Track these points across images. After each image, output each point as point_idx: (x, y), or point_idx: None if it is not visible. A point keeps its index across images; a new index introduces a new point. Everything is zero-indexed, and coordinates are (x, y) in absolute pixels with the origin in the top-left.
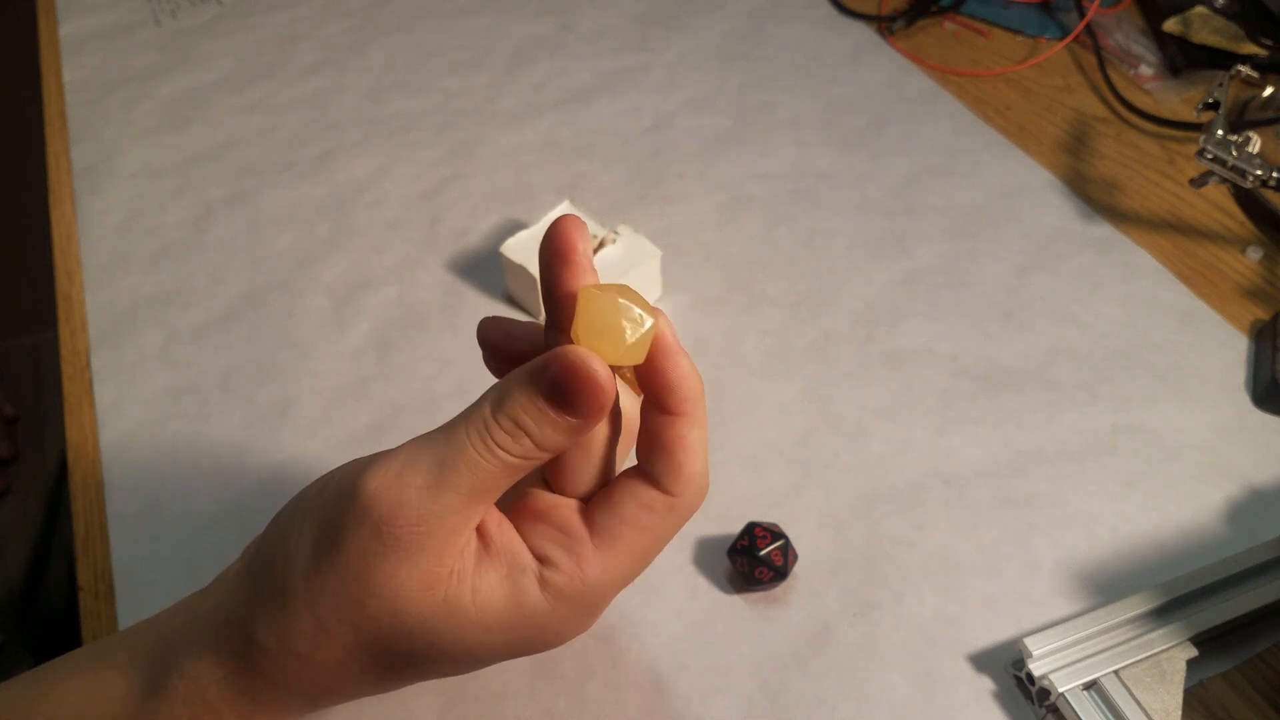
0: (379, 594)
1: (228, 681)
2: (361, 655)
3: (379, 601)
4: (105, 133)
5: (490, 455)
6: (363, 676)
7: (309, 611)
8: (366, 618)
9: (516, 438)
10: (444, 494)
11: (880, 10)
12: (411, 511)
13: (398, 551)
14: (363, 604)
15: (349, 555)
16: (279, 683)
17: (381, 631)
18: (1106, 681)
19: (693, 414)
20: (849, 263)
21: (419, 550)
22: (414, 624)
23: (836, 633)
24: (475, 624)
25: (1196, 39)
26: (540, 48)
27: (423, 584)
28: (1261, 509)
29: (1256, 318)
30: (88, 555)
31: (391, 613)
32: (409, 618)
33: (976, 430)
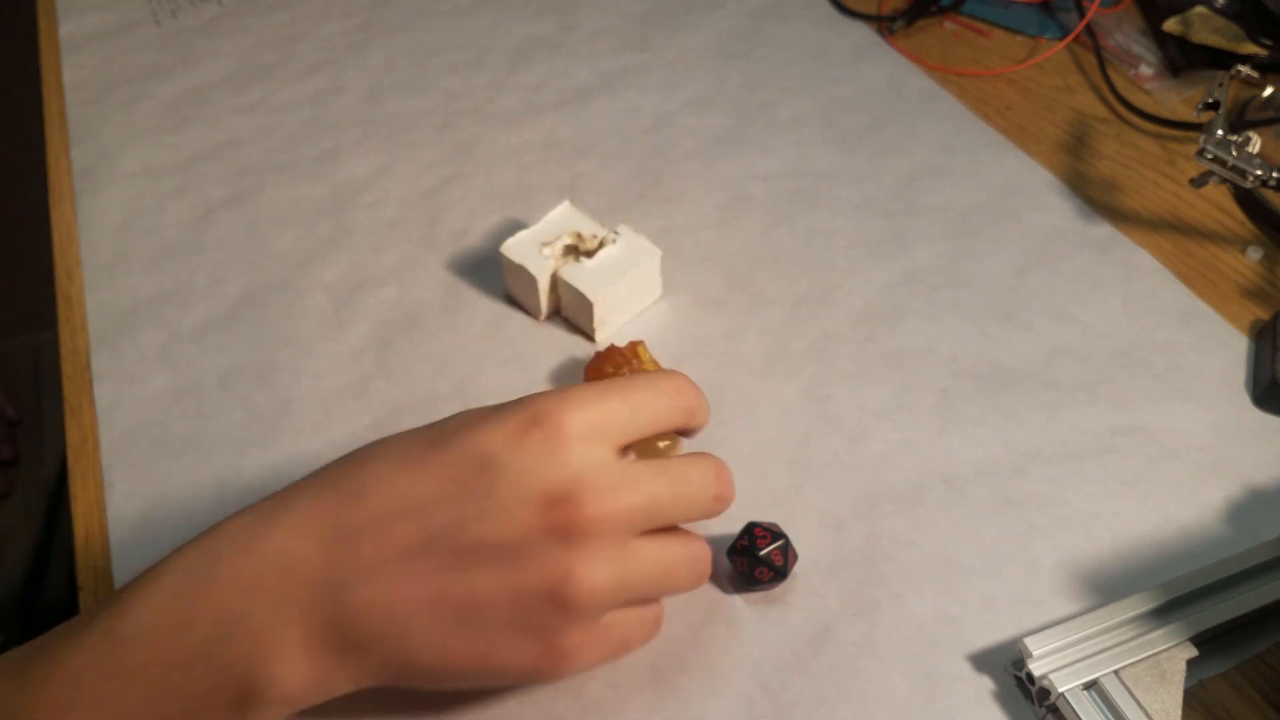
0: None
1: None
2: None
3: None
4: (105, 133)
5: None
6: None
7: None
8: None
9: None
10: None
11: (880, 10)
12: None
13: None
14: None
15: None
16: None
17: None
18: (1106, 681)
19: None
20: (849, 263)
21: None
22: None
23: (836, 633)
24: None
25: (1196, 39)
26: (540, 48)
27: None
28: (1261, 509)
29: (1256, 318)
30: (88, 556)
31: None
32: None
33: (976, 430)
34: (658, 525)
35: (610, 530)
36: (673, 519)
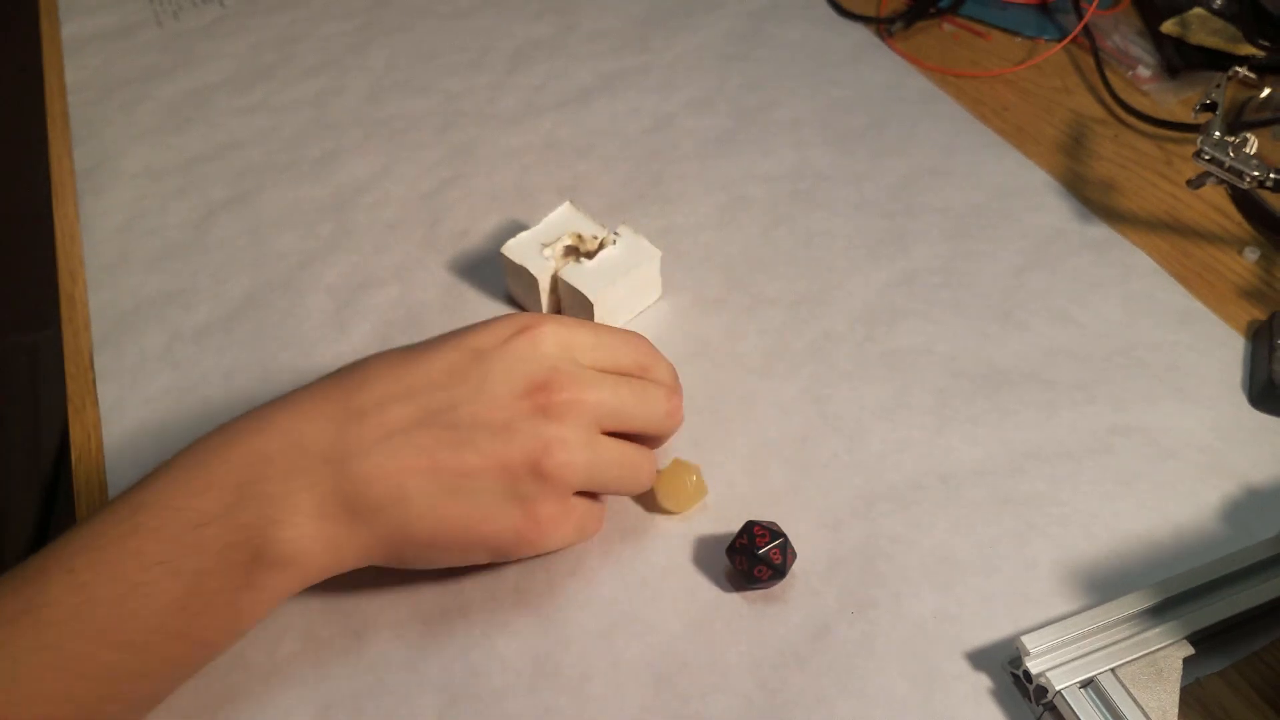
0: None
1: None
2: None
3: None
4: (107, 133)
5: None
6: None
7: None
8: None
9: None
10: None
11: (879, 12)
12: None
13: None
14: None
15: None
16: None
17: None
18: (1103, 679)
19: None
20: (848, 263)
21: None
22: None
23: (835, 631)
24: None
25: (1194, 40)
26: (540, 49)
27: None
28: (1258, 508)
29: (1253, 318)
30: None
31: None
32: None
33: (974, 430)
34: (620, 426)
35: (582, 415)
36: (632, 422)
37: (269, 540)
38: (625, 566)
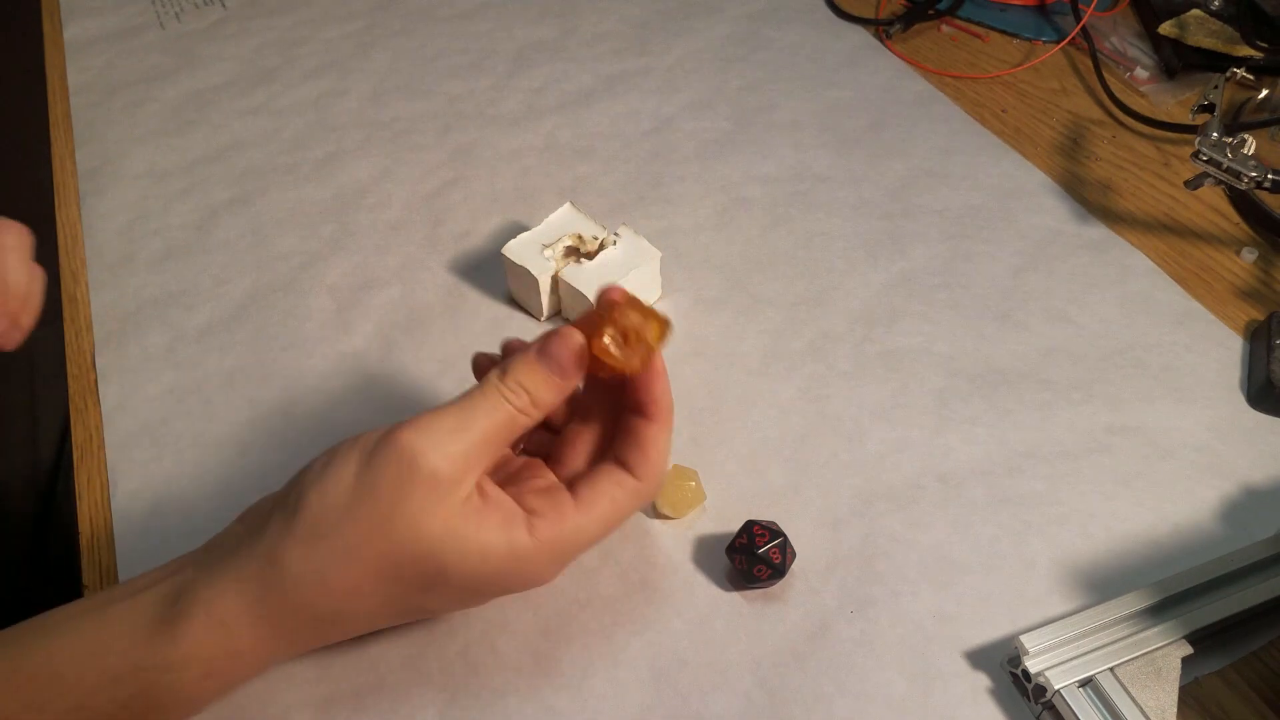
0: (406, 519)
1: (250, 608)
2: (379, 577)
3: (405, 526)
4: (110, 135)
5: (500, 406)
6: (374, 598)
7: (341, 538)
8: (393, 541)
9: (517, 392)
10: (464, 434)
11: (878, 14)
12: (440, 448)
13: (427, 483)
14: (391, 528)
15: (384, 488)
16: (299, 608)
17: (402, 554)
18: (1102, 679)
19: (664, 421)
20: (847, 264)
21: (442, 482)
22: (427, 547)
23: (834, 630)
24: (476, 553)
25: (1192, 41)
26: (541, 51)
27: (442, 514)
28: (1256, 508)
29: (1251, 318)
30: (92, 555)
31: (413, 537)
32: (425, 541)
33: (973, 429)
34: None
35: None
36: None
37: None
38: (625, 566)
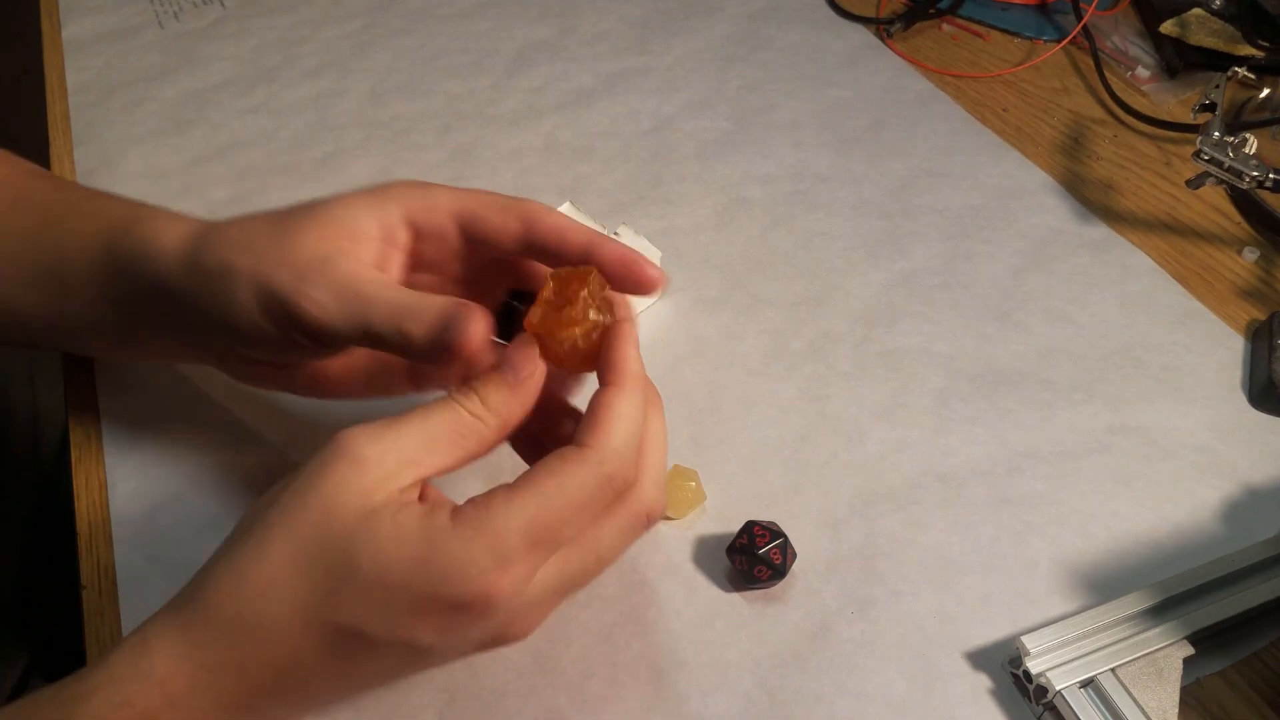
0: (320, 495)
1: (170, 628)
2: (293, 565)
3: (319, 503)
4: (108, 135)
5: (448, 406)
6: (290, 604)
7: (259, 527)
8: (302, 523)
9: (468, 395)
10: (405, 429)
11: (878, 13)
12: (374, 438)
13: (351, 464)
14: (305, 507)
15: (307, 472)
16: (219, 621)
17: (311, 538)
18: (1103, 679)
19: (623, 385)
20: (847, 264)
21: (364, 463)
22: (339, 530)
23: (835, 630)
24: (389, 537)
25: (1193, 41)
26: (541, 51)
27: (358, 493)
28: (1257, 508)
29: (1253, 318)
30: (91, 554)
31: (324, 514)
32: (337, 522)
33: (973, 429)
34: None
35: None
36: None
37: None
38: (625, 566)
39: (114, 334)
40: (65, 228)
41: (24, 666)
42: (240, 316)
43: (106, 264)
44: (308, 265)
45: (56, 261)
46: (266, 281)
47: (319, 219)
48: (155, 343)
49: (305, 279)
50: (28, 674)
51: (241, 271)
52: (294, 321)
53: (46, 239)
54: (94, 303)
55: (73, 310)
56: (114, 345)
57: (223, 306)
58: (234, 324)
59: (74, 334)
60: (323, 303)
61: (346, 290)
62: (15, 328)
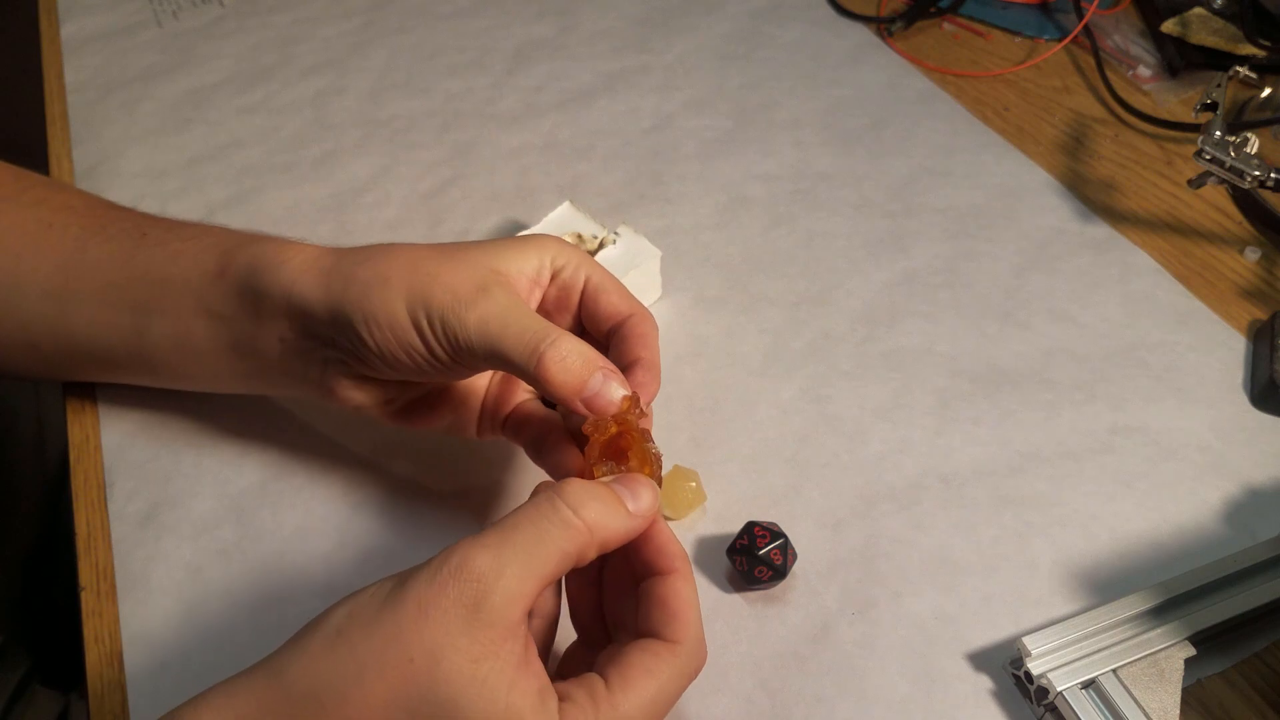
0: (427, 647)
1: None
2: (393, 704)
3: (425, 656)
4: (107, 134)
5: (560, 523)
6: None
7: (352, 654)
8: (407, 671)
9: (575, 519)
10: (505, 551)
11: (879, 12)
12: (477, 564)
13: (458, 607)
14: (409, 655)
15: (410, 603)
16: (299, 711)
17: (416, 691)
18: (1105, 680)
19: (683, 570)
20: (848, 263)
21: (475, 609)
22: (447, 693)
23: (835, 631)
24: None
25: (1195, 40)
26: (540, 49)
27: (470, 654)
28: (1259, 508)
29: (1254, 318)
30: (90, 555)
31: (430, 674)
32: (446, 685)
33: (975, 430)
34: None
35: None
36: None
37: None
38: None
39: (201, 350)
40: (164, 249)
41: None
42: (388, 335)
43: (216, 276)
44: (469, 292)
45: (150, 281)
46: (425, 295)
47: (477, 253)
48: (245, 362)
49: (464, 301)
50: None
51: (397, 288)
52: (450, 337)
53: (139, 258)
54: (187, 318)
55: (160, 330)
56: (197, 363)
57: (368, 314)
58: (374, 332)
59: (154, 355)
60: (480, 327)
61: (504, 319)
62: (98, 354)
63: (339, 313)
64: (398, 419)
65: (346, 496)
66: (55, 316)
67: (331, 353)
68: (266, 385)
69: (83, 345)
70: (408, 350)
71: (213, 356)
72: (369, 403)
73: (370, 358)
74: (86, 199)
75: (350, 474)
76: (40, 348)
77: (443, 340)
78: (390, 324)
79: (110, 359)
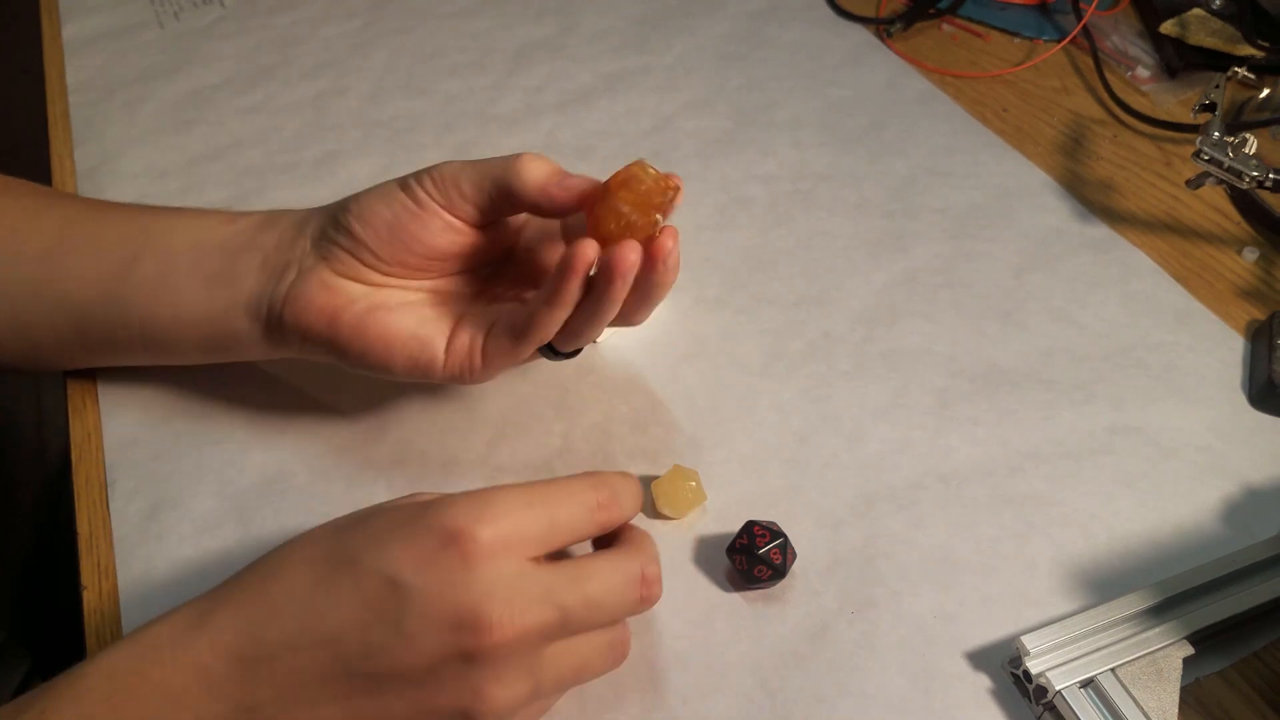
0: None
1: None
2: (313, 549)
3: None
4: (108, 134)
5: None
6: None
7: (287, 544)
8: (329, 526)
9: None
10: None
11: (878, 13)
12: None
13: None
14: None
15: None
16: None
17: (334, 527)
18: (1103, 679)
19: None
20: (848, 263)
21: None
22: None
23: (835, 630)
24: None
25: (1193, 41)
26: (540, 50)
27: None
28: (1258, 508)
29: (1253, 318)
30: (91, 554)
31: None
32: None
33: (974, 430)
34: (572, 634)
35: (520, 650)
36: (589, 629)
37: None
38: None
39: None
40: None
41: (26, 671)
42: (378, 203)
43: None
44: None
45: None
46: (405, 179)
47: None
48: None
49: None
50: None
51: (389, 184)
52: (436, 182)
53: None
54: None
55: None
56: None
57: (364, 200)
58: (368, 207)
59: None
60: (457, 170)
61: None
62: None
63: (332, 209)
64: (361, 338)
65: (348, 495)
66: (45, 279)
67: (326, 235)
68: (237, 320)
69: (65, 306)
70: (393, 210)
71: (190, 291)
72: (340, 302)
73: (368, 219)
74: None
75: (352, 474)
76: (22, 318)
77: (428, 188)
78: (381, 192)
79: (87, 319)
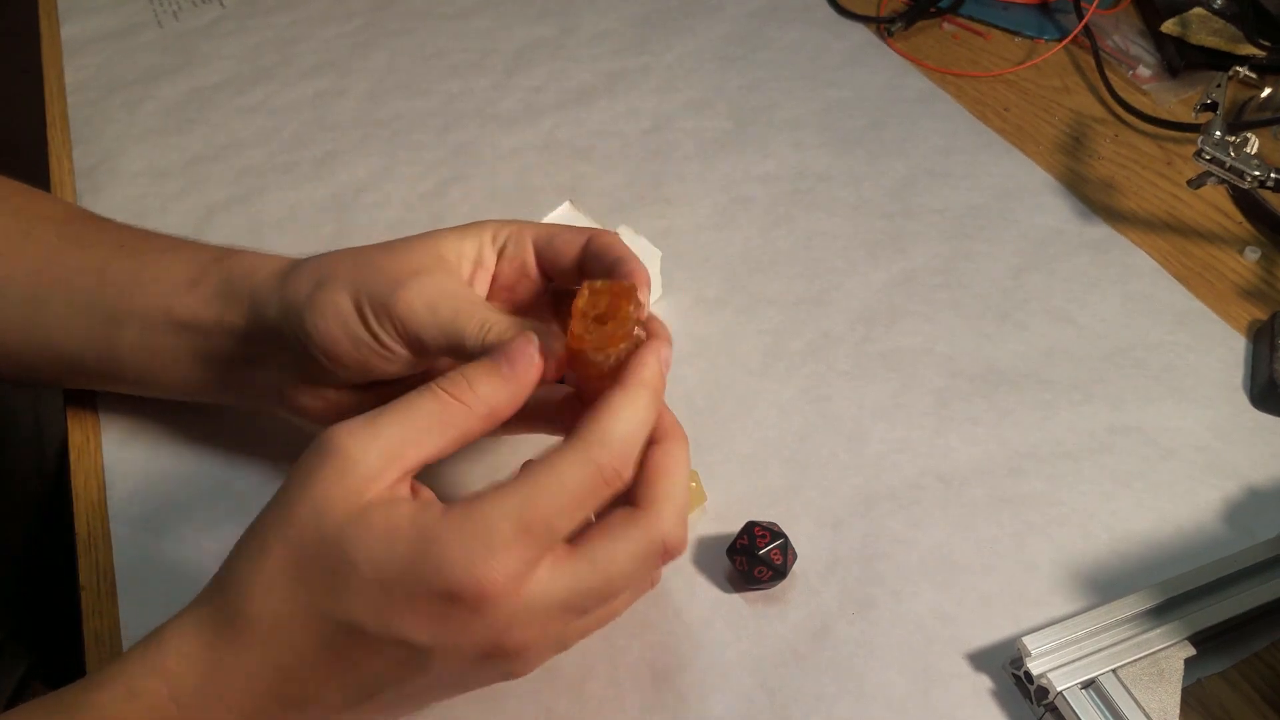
0: (310, 496)
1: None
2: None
3: (306, 505)
4: (107, 134)
5: (435, 394)
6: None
7: (256, 533)
8: (296, 525)
9: (456, 380)
10: (383, 420)
11: (879, 12)
12: (352, 430)
13: (333, 461)
14: (295, 511)
15: (294, 477)
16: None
17: (306, 539)
18: (1105, 680)
19: (627, 386)
20: (847, 263)
21: (351, 461)
22: (332, 530)
23: (835, 631)
24: (383, 535)
25: (1195, 40)
26: (541, 50)
27: (348, 492)
28: (1259, 508)
29: (1254, 318)
30: (90, 554)
31: (315, 515)
32: (329, 523)
33: (974, 430)
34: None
35: (545, 644)
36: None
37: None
38: None
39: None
40: (139, 259)
41: (24, 670)
42: (333, 326)
43: (189, 286)
44: (407, 274)
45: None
46: (366, 285)
47: (416, 242)
48: (210, 372)
49: (403, 285)
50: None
51: (341, 279)
52: (394, 323)
53: (113, 268)
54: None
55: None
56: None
57: (314, 307)
58: (319, 325)
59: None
60: (418, 307)
61: (442, 300)
62: (69, 360)
63: (289, 309)
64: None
65: None
66: (29, 321)
67: (286, 357)
68: (231, 396)
69: (55, 351)
70: (352, 340)
71: (179, 366)
72: (324, 410)
73: (318, 355)
74: (66, 208)
75: None
76: (13, 351)
77: (385, 326)
78: (335, 314)
79: (81, 366)
